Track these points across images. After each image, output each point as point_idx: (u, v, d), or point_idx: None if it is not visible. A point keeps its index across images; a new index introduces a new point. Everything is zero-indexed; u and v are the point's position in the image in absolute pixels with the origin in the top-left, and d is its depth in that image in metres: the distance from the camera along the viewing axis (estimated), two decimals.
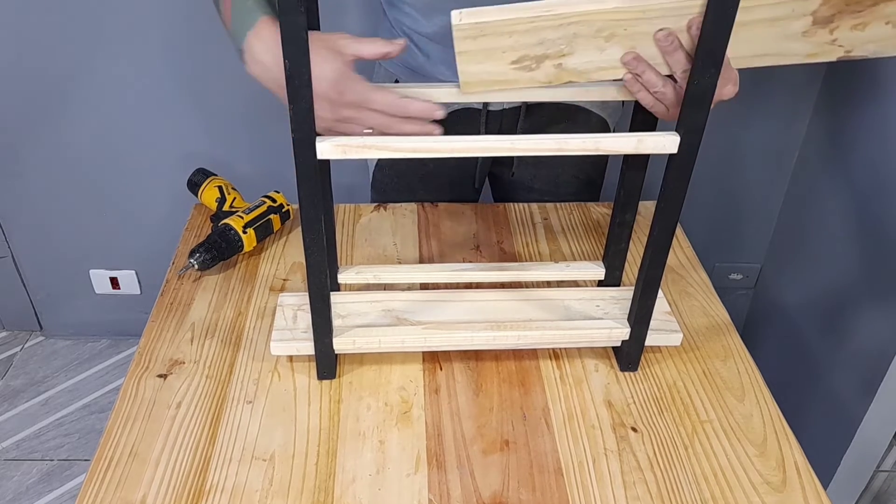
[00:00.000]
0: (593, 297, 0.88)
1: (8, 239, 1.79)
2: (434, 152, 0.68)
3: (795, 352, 1.60)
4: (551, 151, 0.68)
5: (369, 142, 0.67)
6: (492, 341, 0.82)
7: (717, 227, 1.79)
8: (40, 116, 1.59)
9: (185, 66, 1.52)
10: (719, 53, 0.62)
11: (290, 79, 0.61)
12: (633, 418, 0.79)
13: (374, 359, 0.85)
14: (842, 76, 1.48)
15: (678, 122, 0.68)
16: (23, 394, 1.81)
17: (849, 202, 1.43)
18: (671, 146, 0.68)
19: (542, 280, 0.92)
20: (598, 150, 0.69)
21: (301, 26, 0.58)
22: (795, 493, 0.72)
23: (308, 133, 0.65)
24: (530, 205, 1.12)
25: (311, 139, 0.65)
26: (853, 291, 1.40)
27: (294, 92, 0.62)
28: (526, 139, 0.68)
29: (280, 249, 1.02)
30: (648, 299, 0.78)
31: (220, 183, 1.05)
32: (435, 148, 0.68)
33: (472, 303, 0.86)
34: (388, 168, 1.16)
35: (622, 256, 0.89)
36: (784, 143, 1.63)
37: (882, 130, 1.32)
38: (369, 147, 0.67)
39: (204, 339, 0.88)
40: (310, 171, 0.67)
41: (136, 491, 0.70)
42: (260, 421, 0.77)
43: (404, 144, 0.68)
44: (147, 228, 1.76)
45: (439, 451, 0.75)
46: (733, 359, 0.87)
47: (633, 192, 0.83)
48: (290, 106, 0.62)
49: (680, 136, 0.67)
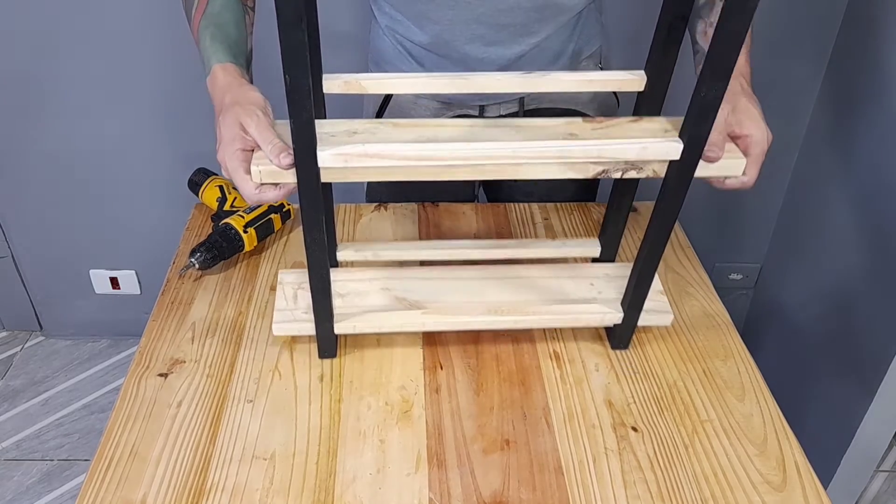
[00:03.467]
0: (588, 275, 0.89)
1: (8, 239, 1.79)
2: (438, 160, 0.68)
3: (795, 352, 1.61)
4: (553, 159, 0.68)
5: (370, 150, 0.67)
6: (489, 324, 0.84)
7: (717, 227, 1.79)
8: (40, 116, 1.59)
9: (185, 65, 1.52)
10: (728, 66, 0.62)
11: (290, 94, 0.61)
12: (633, 418, 0.79)
13: (374, 350, 0.85)
14: (842, 76, 1.48)
15: (682, 129, 0.69)
16: (23, 394, 1.81)
17: (849, 202, 1.43)
18: (674, 153, 0.68)
19: (537, 257, 0.92)
20: (601, 159, 0.69)
21: (302, 42, 0.59)
22: (795, 492, 0.72)
23: (308, 143, 0.65)
24: (531, 205, 1.12)
25: (312, 148, 0.66)
26: (853, 291, 1.40)
27: (294, 105, 0.62)
28: (531, 146, 0.68)
29: (281, 249, 1.02)
30: (642, 288, 0.80)
31: (221, 182, 1.05)
32: (439, 156, 0.68)
33: (469, 281, 0.87)
34: None
35: (618, 235, 0.90)
36: (784, 143, 1.63)
37: (882, 130, 1.32)
38: (370, 156, 0.67)
39: (204, 338, 0.88)
40: (311, 181, 0.68)
41: (136, 490, 0.70)
42: (260, 420, 0.78)
43: (407, 152, 0.68)
44: (147, 228, 1.76)
45: (440, 451, 0.75)
46: (733, 359, 0.87)
47: (630, 182, 0.83)
48: (290, 119, 0.63)
49: (683, 143, 0.68)
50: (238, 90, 0.75)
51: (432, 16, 0.95)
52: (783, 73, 1.54)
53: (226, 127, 0.73)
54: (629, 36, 1.42)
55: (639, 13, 1.43)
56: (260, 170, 0.69)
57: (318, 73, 0.73)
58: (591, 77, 0.76)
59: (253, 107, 0.73)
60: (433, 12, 0.95)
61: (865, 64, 1.39)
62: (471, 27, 0.95)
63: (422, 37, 0.99)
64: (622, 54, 1.34)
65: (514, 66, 1.00)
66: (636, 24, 1.37)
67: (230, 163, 0.71)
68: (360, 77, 0.74)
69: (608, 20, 1.15)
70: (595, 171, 0.70)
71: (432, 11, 0.95)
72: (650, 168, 0.71)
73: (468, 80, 0.75)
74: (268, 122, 0.71)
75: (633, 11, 1.44)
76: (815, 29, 1.49)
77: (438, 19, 0.95)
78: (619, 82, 0.77)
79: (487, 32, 0.96)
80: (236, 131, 0.71)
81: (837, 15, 1.47)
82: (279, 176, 0.69)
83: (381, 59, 1.08)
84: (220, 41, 0.80)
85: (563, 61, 1.04)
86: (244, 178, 0.71)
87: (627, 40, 1.42)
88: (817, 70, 1.54)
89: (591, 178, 1.15)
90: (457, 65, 1.00)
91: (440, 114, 1.10)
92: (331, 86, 0.74)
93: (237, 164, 0.71)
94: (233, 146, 0.71)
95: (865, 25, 1.39)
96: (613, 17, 1.42)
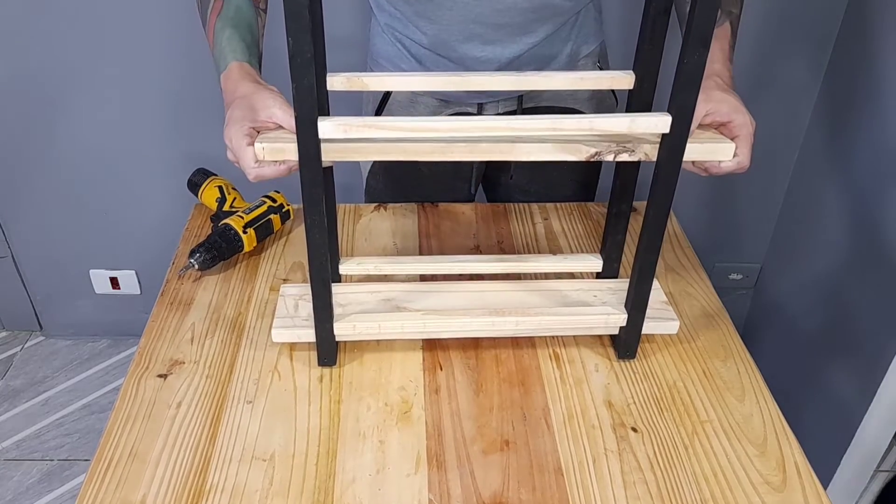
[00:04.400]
0: (591, 287, 0.89)
1: (8, 239, 1.79)
2: (434, 131, 0.70)
3: (795, 352, 1.61)
4: (547, 131, 0.70)
5: (370, 121, 0.69)
6: (490, 327, 0.83)
7: (717, 227, 1.79)
8: (40, 117, 1.59)
9: (185, 65, 1.52)
10: (707, 32, 0.63)
11: (292, 58, 0.63)
12: (633, 418, 0.79)
13: (374, 353, 0.85)
14: (842, 76, 1.48)
15: (670, 102, 0.69)
16: (23, 394, 1.81)
17: (849, 202, 1.43)
18: (663, 126, 0.69)
19: (540, 271, 0.92)
20: (593, 130, 0.71)
21: (303, 5, 0.60)
22: (795, 492, 0.72)
23: (309, 112, 0.66)
24: (530, 205, 1.12)
25: (313, 118, 0.67)
26: (853, 291, 1.40)
27: (296, 70, 0.63)
28: (522, 119, 0.70)
29: (280, 249, 1.02)
30: (645, 284, 0.80)
31: (221, 183, 1.05)
32: (435, 127, 0.70)
33: (470, 293, 0.87)
34: (382, 174, 1.16)
35: (619, 248, 0.90)
36: (784, 143, 1.63)
37: (882, 130, 1.32)
38: (370, 126, 0.69)
39: (204, 338, 0.88)
40: (311, 152, 0.68)
41: (136, 491, 0.70)
42: (260, 421, 0.77)
43: (405, 124, 0.70)
44: (147, 228, 1.76)
45: (439, 451, 0.75)
46: (733, 359, 0.87)
47: (628, 183, 0.84)
48: (292, 84, 0.64)
49: (672, 115, 0.68)
50: (253, 83, 0.79)
51: (431, 15, 0.95)
52: (783, 73, 1.54)
53: (237, 109, 0.76)
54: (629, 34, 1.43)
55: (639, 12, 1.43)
56: (263, 146, 0.71)
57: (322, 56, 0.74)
58: (583, 76, 0.79)
59: (272, 91, 0.77)
60: (432, 12, 0.95)
61: (865, 64, 1.39)
62: (469, 27, 0.95)
63: (420, 36, 0.99)
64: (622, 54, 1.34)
65: (513, 66, 1.00)
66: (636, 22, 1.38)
67: (235, 137, 0.74)
68: (362, 75, 0.75)
69: (607, 19, 1.15)
70: (588, 152, 0.72)
71: (431, 11, 0.95)
72: (642, 151, 0.72)
73: (465, 79, 0.77)
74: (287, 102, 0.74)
75: (633, 11, 1.44)
76: (815, 29, 1.49)
77: (437, 19, 0.95)
78: (609, 80, 0.79)
79: (485, 32, 0.96)
80: (247, 112, 0.75)
81: (837, 15, 1.47)
82: (282, 154, 0.72)
83: (380, 57, 1.08)
84: (236, 41, 0.84)
85: (562, 60, 1.04)
86: (246, 150, 0.73)
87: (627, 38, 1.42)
88: (817, 70, 1.54)
89: (586, 169, 1.17)
90: (455, 63, 1.00)
91: (438, 112, 1.10)
92: (333, 82, 0.75)
93: (241, 137, 0.74)
94: (242, 123, 0.74)
95: (865, 25, 1.39)
96: (613, 16, 1.43)
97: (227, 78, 0.82)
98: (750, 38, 1.49)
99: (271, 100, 0.75)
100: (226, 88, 0.81)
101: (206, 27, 0.88)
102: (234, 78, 0.81)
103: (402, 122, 0.70)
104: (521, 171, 1.16)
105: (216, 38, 0.85)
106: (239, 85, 0.79)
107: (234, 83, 0.80)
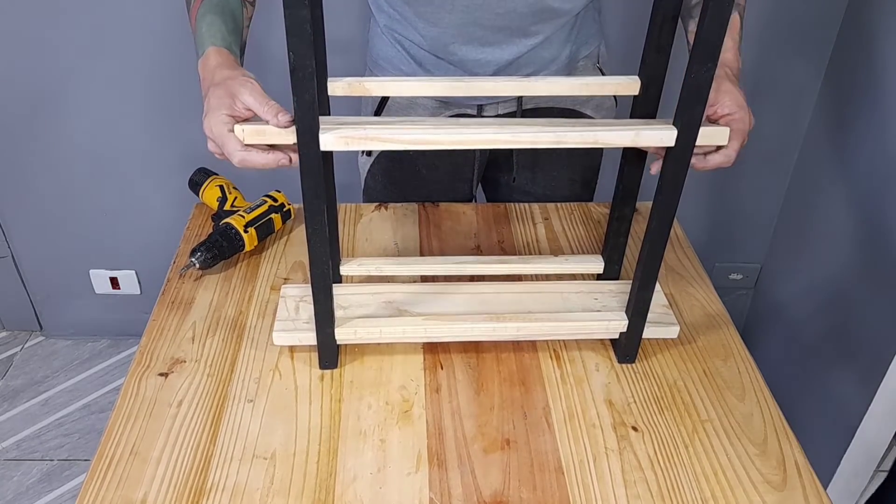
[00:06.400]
0: (592, 290, 0.89)
1: (8, 239, 1.79)
2: (437, 144, 0.69)
3: (795, 352, 1.61)
4: (550, 144, 0.69)
5: (371, 133, 0.68)
6: (491, 332, 0.83)
7: (717, 227, 1.79)
8: (40, 116, 1.59)
9: (184, 64, 1.52)
10: (716, 46, 0.63)
11: (293, 72, 0.62)
12: (633, 417, 0.79)
13: (375, 354, 0.85)
14: (842, 76, 1.48)
15: (675, 115, 0.69)
16: (23, 394, 1.81)
17: (849, 202, 1.43)
18: (668, 139, 0.69)
19: (541, 273, 0.93)
20: (597, 143, 0.70)
21: (305, 19, 0.60)
22: (796, 492, 0.72)
23: (311, 124, 0.66)
24: (531, 204, 1.13)
25: (315, 130, 0.66)
26: (853, 291, 1.40)
27: (298, 84, 0.63)
28: (526, 131, 0.69)
29: (281, 248, 1.02)
30: (646, 291, 0.79)
31: (222, 182, 1.05)
32: (437, 139, 0.69)
33: (472, 295, 0.87)
34: (381, 175, 1.16)
35: (621, 250, 0.90)
36: (784, 143, 1.63)
37: (882, 130, 1.32)
38: (372, 139, 0.68)
39: (205, 337, 0.88)
40: (313, 162, 0.68)
41: (136, 490, 0.70)
42: (261, 420, 0.78)
43: (407, 136, 0.69)
44: (147, 228, 1.76)
45: (440, 450, 0.75)
46: (733, 358, 0.87)
47: (631, 187, 0.83)
48: (294, 98, 0.64)
49: (677, 129, 0.68)
50: (230, 70, 0.78)
51: (430, 17, 0.96)
52: (783, 73, 1.54)
53: (214, 98, 0.74)
54: (629, 36, 1.43)
55: (639, 12, 1.43)
56: (244, 129, 0.71)
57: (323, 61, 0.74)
58: (588, 81, 0.77)
59: (246, 78, 0.75)
60: (431, 14, 0.95)
61: (865, 64, 1.39)
62: (468, 29, 0.95)
63: (419, 37, 0.99)
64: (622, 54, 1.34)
65: (512, 68, 1.00)
66: (636, 23, 1.38)
67: (215, 127, 0.73)
68: (364, 80, 0.75)
69: (608, 19, 1.15)
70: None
71: (430, 13, 0.95)
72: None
73: (467, 84, 0.76)
74: (261, 89, 0.73)
75: (633, 11, 1.44)
76: (815, 29, 1.49)
77: (436, 21, 0.95)
78: (614, 86, 0.77)
79: (485, 35, 0.96)
80: (224, 100, 0.73)
81: (837, 15, 1.47)
82: (263, 135, 0.71)
83: (379, 59, 1.08)
84: (217, 28, 0.83)
85: (561, 62, 1.04)
86: (229, 136, 0.72)
87: (627, 40, 1.42)
88: (817, 70, 1.54)
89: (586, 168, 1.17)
90: (454, 65, 1.00)
91: (438, 113, 1.10)
92: (335, 88, 0.75)
93: (222, 126, 0.73)
94: (219, 112, 0.73)
95: (865, 25, 1.40)
96: (613, 17, 1.43)
97: (203, 64, 0.80)
98: (751, 40, 1.49)
99: (245, 87, 0.73)
100: (203, 75, 0.80)
101: (189, 14, 0.87)
102: (211, 65, 0.79)
103: (404, 133, 0.69)
104: (522, 171, 1.16)
105: (197, 24, 0.84)
106: (216, 72, 0.78)
107: (210, 70, 0.79)
